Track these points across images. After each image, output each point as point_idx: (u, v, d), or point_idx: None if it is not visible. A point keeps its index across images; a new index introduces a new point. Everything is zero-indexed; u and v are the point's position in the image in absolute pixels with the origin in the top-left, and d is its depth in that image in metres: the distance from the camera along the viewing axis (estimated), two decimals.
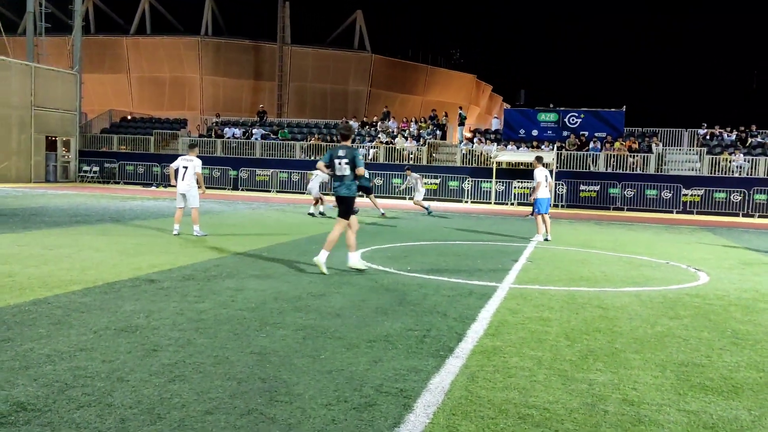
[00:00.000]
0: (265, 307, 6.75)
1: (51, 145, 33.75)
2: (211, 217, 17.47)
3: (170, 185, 18.98)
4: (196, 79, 51.07)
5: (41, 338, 5.34)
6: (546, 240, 14.45)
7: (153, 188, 31.69)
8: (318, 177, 18.44)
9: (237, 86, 50.98)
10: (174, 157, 23.28)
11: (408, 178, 22.24)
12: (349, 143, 9.13)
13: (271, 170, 32.16)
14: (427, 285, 8.33)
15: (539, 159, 15.15)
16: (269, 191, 31.61)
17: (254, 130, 35.28)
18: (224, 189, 31.88)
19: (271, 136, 34.76)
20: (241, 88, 51.13)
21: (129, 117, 41.17)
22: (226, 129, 35.94)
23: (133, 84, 52.11)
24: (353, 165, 8.83)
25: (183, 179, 12.94)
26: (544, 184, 14.61)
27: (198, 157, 13.41)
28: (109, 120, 39.66)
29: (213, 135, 35.50)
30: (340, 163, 8.86)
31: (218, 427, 3.70)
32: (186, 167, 13.00)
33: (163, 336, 5.54)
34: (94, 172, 33.80)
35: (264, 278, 8.45)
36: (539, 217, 14.67)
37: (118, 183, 33.42)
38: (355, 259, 9.20)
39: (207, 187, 22.15)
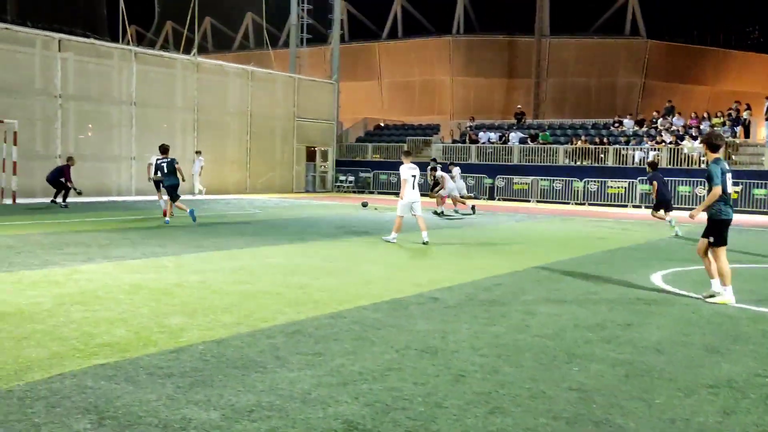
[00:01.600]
0: (566, 336, 6.67)
1: (309, 155, 37.28)
2: (474, 229, 17.88)
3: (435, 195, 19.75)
4: (446, 81, 52.81)
5: (348, 354, 5.84)
6: None
7: None
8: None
9: (489, 86, 51.67)
10: (424, 164, 24.33)
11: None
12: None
13: (531, 178, 32.05)
14: (762, 320, 7.59)
15: None
16: (529, 201, 31.51)
17: (511, 134, 35.46)
18: (479, 199, 32.47)
19: (530, 139, 34.63)
20: (493, 88, 51.74)
21: (382, 124, 43.85)
22: (481, 133, 36.61)
23: (384, 90, 55.50)
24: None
25: (413, 189, 13.92)
26: None
27: (414, 163, 14.26)
28: (364, 128, 42.64)
29: (467, 140, 36.36)
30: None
31: None
32: (414, 176, 13.91)
33: (465, 361, 5.74)
34: (350, 182, 36.61)
35: (554, 301, 8.38)
36: None
37: (372, 193, 35.77)
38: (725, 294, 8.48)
39: (462, 196, 22.75)
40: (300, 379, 5.13)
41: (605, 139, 32.75)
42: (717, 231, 8.50)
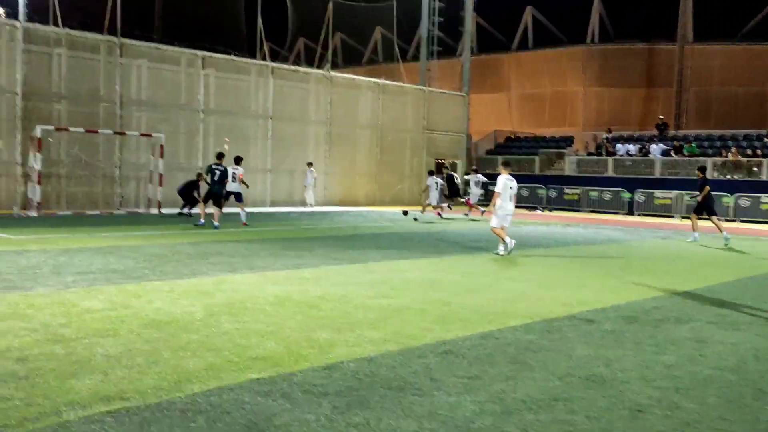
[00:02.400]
0: (749, 369, 6.01)
1: (438, 168, 37.12)
2: (618, 246, 16.99)
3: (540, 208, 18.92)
4: (578, 92, 51.24)
5: (507, 379, 5.50)
6: None
7: (538, 212, 32.47)
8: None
9: (625, 96, 49.66)
10: (559, 179, 23.44)
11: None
12: None
13: (674, 192, 30.29)
14: None
15: None
16: (672, 216, 29.79)
17: (652, 146, 33.75)
18: (617, 213, 31.07)
19: (673, 151, 32.81)
20: (629, 98, 49.68)
21: (513, 136, 43.08)
22: (618, 145, 35.10)
23: (513, 102, 54.65)
24: None
25: (510, 200, 13.86)
26: None
27: (512, 174, 14.10)
28: (494, 141, 42.04)
29: (604, 152, 34.97)
30: None
31: None
32: (511, 187, 13.80)
33: (639, 393, 5.25)
34: (481, 195, 36.03)
35: (726, 328, 7.65)
36: None
37: None
38: None
39: (597, 211, 21.94)
40: (460, 405, 4.84)
41: (757, 151, 30.49)
42: None
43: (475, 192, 26.91)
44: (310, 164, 28.71)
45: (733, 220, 28.35)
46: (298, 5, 60.66)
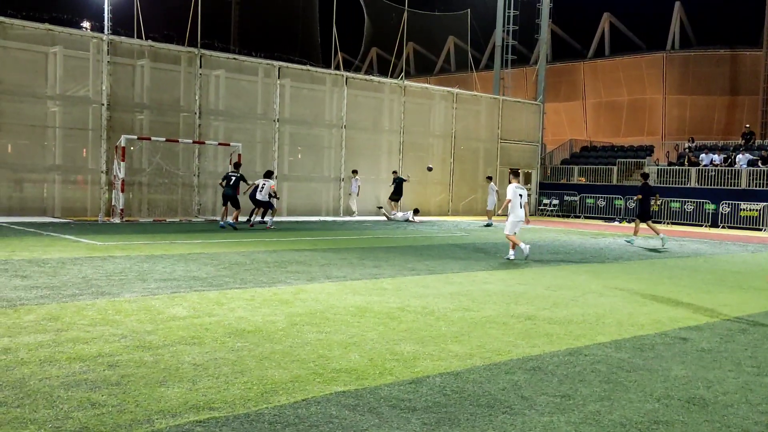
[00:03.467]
0: None
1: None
2: (705, 260, 16.32)
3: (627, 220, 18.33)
4: (657, 100, 49.85)
5: (601, 399, 5.27)
6: None
7: (616, 224, 31.60)
8: None
9: (707, 105, 48.05)
10: (636, 189, 22.75)
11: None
12: None
13: (762, 204, 29.00)
14: None
15: None
16: (760, 229, 28.51)
17: (738, 156, 32.42)
18: (700, 226, 29.95)
19: (760, 162, 31.43)
20: (712, 106, 48.03)
21: (589, 146, 42.18)
22: (702, 155, 33.86)
23: (588, 111, 53.58)
24: None
25: (521, 208, 14.69)
26: None
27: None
28: (569, 150, 41.24)
29: (686, 162, 33.79)
30: None
31: None
32: (521, 195, 14.74)
33: (745, 418, 4.95)
34: (554, 206, 35.41)
35: None
36: None
37: (578, 217, 34.31)
38: None
39: (678, 223, 21.13)
40: (554, 426, 4.65)
41: None
42: None
43: (491, 200, 27.60)
44: (354, 172, 28.27)
45: None
46: (374, 15, 61.15)
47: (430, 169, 29.32)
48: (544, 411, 4.94)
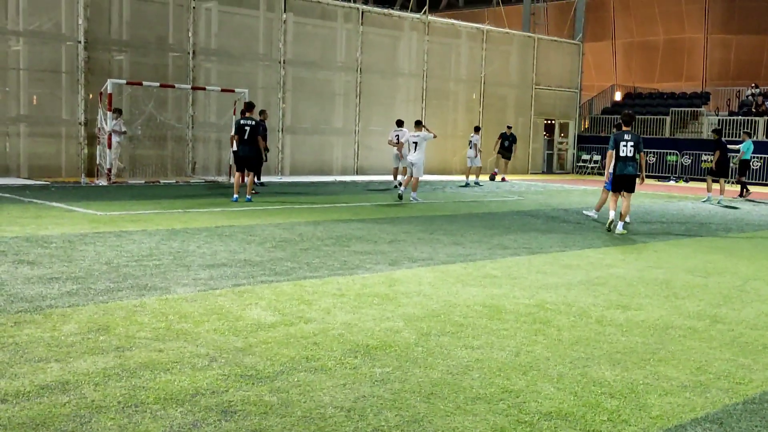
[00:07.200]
0: None
1: (546, 129, 35.28)
2: None
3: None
4: (698, 40, 48.51)
5: None
6: None
7: (672, 182, 30.46)
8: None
9: (755, 45, 46.78)
10: (694, 143, 21.87)
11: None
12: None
13: None
14: None
15: None
16: None
17: None
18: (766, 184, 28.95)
19: None
20: (760, 47, 46.80)
21: (633, 93, 40.85)
22: None
23: (618, 52, 52.16)
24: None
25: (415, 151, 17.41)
26: None
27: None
28: (610, 98, 39.86)
29: (753, 110, 32.47)
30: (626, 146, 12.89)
31: None
32: (416, 143, 17.31)
33: None
34: (595, 162, 34.09)
35: None
36: None
37: None
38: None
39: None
40: None
41: None
42: None
43: (470, 154, 25.79)
44: (477, 129, 26.16)
45: None
46: None
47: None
48: None
